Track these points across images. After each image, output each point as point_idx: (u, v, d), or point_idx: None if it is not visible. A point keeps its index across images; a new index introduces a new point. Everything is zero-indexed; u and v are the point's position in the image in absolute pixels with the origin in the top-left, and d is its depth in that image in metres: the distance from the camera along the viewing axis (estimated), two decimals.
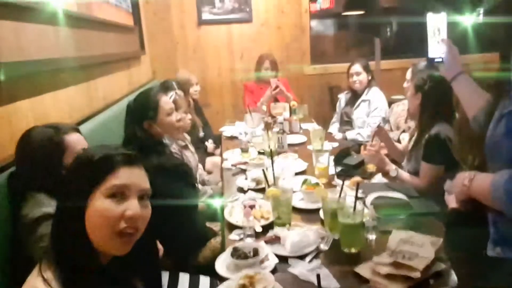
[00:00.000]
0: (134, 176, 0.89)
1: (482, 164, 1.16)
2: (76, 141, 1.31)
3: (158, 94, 1.90)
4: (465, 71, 1.31)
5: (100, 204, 0.84)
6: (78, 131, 1.36)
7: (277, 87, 3.28)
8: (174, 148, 2.06)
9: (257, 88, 3.57)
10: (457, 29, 1.90)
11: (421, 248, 1.22)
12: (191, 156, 2.28)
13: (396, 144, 2.39)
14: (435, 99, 1.94)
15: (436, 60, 1.37)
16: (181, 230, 1.64)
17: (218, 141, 3.18)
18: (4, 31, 1.26)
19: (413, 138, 2.12)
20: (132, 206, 0.86)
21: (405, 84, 2.68)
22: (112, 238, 0.85)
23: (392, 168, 2.01)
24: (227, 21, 4.21)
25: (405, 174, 2.02)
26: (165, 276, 1.59)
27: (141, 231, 0.89)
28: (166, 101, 1.93)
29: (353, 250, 1.33)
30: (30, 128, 1.27)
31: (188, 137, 2.46)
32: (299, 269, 1.24)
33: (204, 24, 4.16)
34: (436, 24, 1.39)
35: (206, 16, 4.14)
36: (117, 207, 0.85)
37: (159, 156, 1.80)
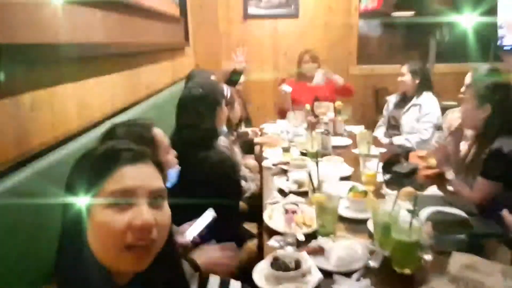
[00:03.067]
0: (141, 176, 0.73)
1: None
2: (162, 136, 1.27)
3: (220, 83, 1.87)
4: None
5: (100, 216, 0.69)
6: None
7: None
8: (224, 141, 2.00)
9: (296, 85, 3.44)
10: None
11: (488, 277, 1.07)
12: (237, 152, 2.22)
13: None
14: (504, 112, 1.75)
15: (506, 47, 1.20)
16: (219, 228, 1.56)
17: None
18: (47, 12, 1.21)
19: (471, 152, 1.94)
20: (141, 213, 0.70)
21: (463, 89, 2.48)
22: (120, 254, 0.69)
23: (450, 170, 1.87)
24: (273, 16, 4.11)
25: (458, 183, 1.85)
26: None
27: (159, 241, 0.73)
28: (227, 91, 1.90)
29: (406, 271, 1.19)
30: (112, 126, 1.22)
31: (235, 133, 2.41)
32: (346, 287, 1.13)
33: (250, 18, 4.09)
34: (509, 7, 1.21)
35: (252, 10, 4.07)
36: (121, 217, 0.69)
37: (214, 148, 1.75)
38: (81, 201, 0.70)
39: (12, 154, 1.05)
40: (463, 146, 2.06)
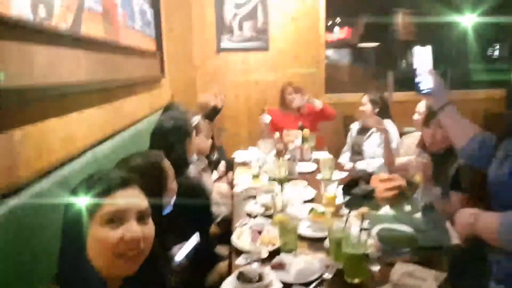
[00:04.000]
0: (131, 198, 0.90)
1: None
2: (170, 166, 1.43)
3: (189, 115, 2.04)
4: (452, 102, 1.35)
5: (98, 232, 0.85)
6: None
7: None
8: (194, 169, 2.14)
9: (280, 115, 3.67)
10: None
11: (423, 282, 1.25)
12: (208, 179, 2.37)
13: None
14: None
15: (423, 90, 1.42)
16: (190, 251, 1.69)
17: (230, 166, 3.25)
18: (38, 56, 1.37)
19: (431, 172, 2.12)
20: (131, 229, 0.86)
21: (416, 117, 2.73)
22: (115, 261, 0.86)
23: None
24: (245, 49, 4.35)
25: (440, 198, 1.98)
26: None
27: (146, 251, 0.91)
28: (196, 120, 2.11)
29: (356, 281, 1.36)
30: (130, 156, 1.40)
31: (206, 160, 2.55)
32: None
33: (223, 51, 4.31)
34: (423, 56, 1.45)
35: (225, 44, 4.29)
36: (115, 232, 0.85)
37: (184, 175, 1.89)
38: (82, 219, 0.86)
39: (3, 184, 1.17)
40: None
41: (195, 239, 1.59)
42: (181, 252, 1.54)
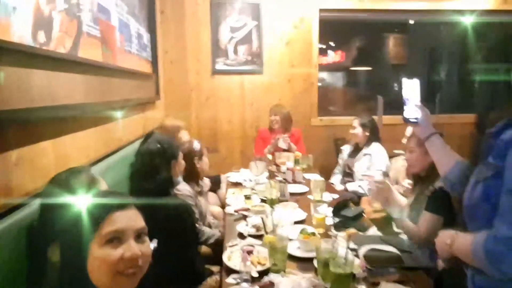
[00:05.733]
0: (128, 218, 0.93)
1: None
2: None
3: (175, 139, 2.09)
4: (437, 132, 1.42)
5: (98, 252, 0.88)
6: None
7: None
8: (190, 191, 2.17)
9: (270, 136, 3.75)
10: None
11: None
12: (203, 202, 2.41)
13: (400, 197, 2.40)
14: None
15: (411, 120, 1.48)
16: (176, 268, 1.70)
17: (217, 182, 3.26)
18: (37, 79, 1.42)
19: (415, 192, 2.17)
20: (130, 248, 0.90)
21: (404, 141, 2.80)
22: (115, 279, 0.88)
23: (395, 210, 2.00)
24: (239, 72, 4.45)
25: (408, 222, 2.01)
26: None
27: (144, 267, 0.94)
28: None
29: None
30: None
31: (208, 183, 2.60)
32: None
33: (218, 73, 4.40)
34: (410, 88, 1.52)
35: (219, 66, 4.38)
36: (115, 252, 0.88)
37: (170, 195, 1.92)
38: (82, 240, 0.89)
39: None
40: (399, 190, 2.33)
41: (151, 245, 1.61)
42: None
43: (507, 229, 0.96)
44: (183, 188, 2.12)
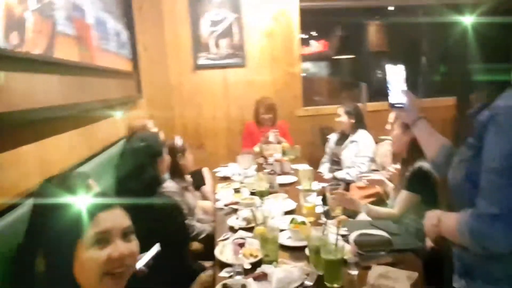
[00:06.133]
0: (114, 218, 0.92)
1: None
2: None
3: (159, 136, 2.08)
4: (423, 116, 1.42)
5: (85, 254, 0.87)
6: None
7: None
8: (176, 187, 2.15)
9: (257, 130, 3.73)
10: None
11: (397, 282, 1.29)
12: (190, 197, 2.39)
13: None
14: None
15: (396, 105, 1.49)
16: (169, 266, 1.69)
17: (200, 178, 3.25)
18: (15, 82, 1.39)
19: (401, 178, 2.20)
20: (117, 248, 0.89)
21: (388, 127, 2.82)
22: (102, 279, 0.87)
23: (360, 206, 2.05)
24: (222, 66, 4.41)
25: (376, 208, 2.07)
26: None
27: (131, 267, 0.93)
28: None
29: (335, 285, 1.40)
30: None
31: (190, 180, 2.58)
32: None
33: (200, 69, 4.36)
34: (395, 74, 1.52)
35: (202, 61, 4.34)
36: (102, 252, 0.88)
37: (157, 193, 1.90)
38: (68, 242, 0.88)
39: None
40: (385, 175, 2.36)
41: (155, 248, 1.60)
42: (141, 261, 1.55)
43: (487, 206, 0.98)
44: (168, 185, 2.10)
